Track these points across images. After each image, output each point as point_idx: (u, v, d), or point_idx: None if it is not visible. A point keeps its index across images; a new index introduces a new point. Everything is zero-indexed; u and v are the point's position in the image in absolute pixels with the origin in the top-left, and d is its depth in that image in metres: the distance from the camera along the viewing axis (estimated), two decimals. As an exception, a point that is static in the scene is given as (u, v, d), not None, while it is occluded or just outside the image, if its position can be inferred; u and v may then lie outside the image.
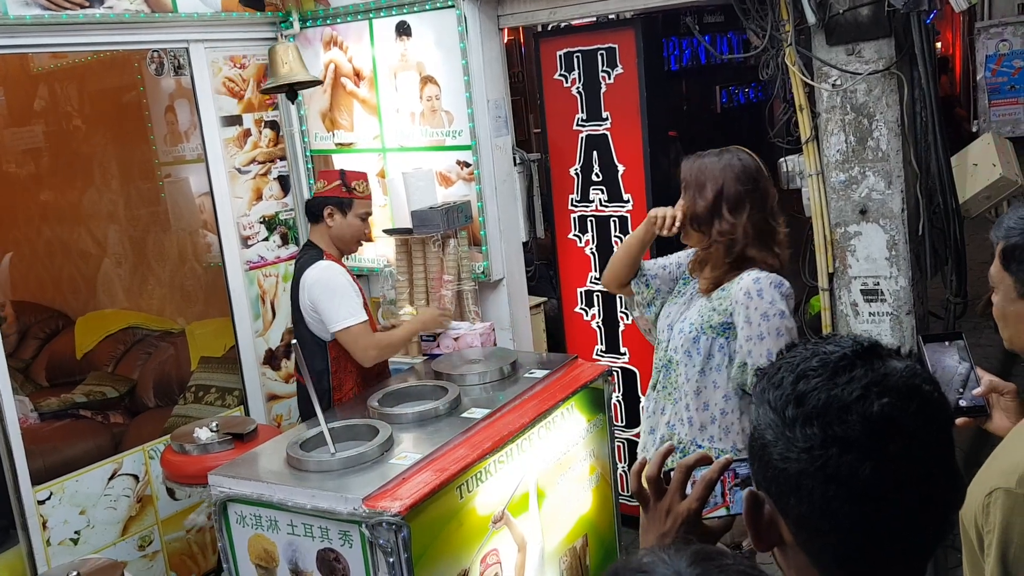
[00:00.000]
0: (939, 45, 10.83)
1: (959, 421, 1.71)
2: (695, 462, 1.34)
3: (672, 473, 1.35)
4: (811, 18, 3.34)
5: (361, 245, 3.80)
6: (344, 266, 3.64)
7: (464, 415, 3.11)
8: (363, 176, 3.72)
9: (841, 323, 3.55)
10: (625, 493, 4.13)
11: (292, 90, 4.08)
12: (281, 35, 4.45)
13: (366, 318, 3.52)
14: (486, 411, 3.11)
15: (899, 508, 1.02)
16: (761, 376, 1.12)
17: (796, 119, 3.54)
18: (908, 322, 3.44)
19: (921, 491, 1.03)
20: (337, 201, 3.60)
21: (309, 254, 3.63)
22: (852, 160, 3.44)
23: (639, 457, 2.74)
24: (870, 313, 3.49)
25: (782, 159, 3.64)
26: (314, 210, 3.66)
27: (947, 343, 1.80)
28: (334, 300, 3.45)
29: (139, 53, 4.66)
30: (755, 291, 2.65)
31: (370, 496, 2.57)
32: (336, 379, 3.56)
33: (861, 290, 3.49)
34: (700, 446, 2.74)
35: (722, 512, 1.34)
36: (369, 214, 3.72)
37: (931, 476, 1.03)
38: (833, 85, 3.41)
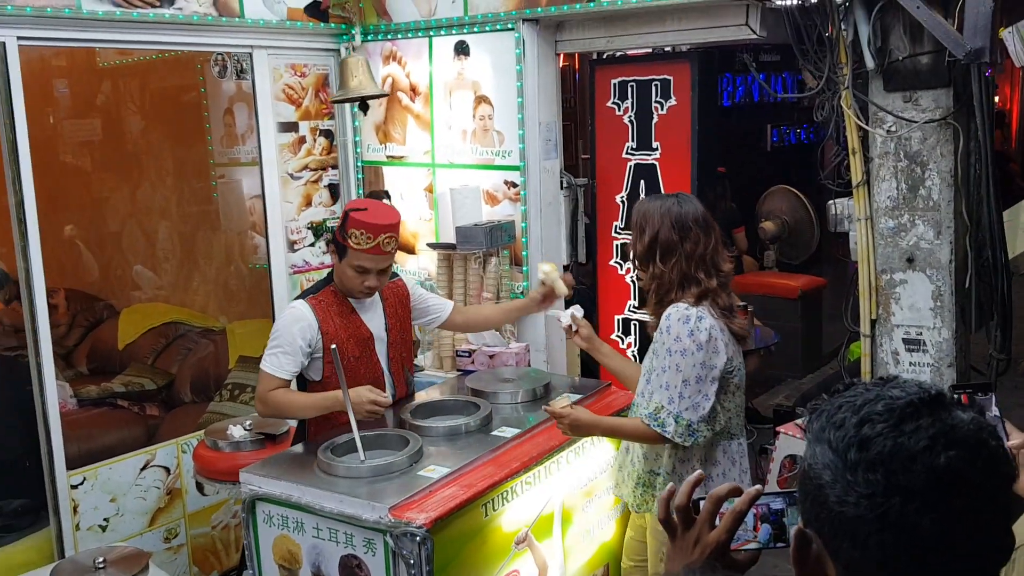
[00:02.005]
0: (996, 99, 10.71)
1: None
2: (727, 493, 1.34)
3: (702, 503, 1.35)
4: (870, 63, 3.34)
5: (361, 297, 3.20)
6: (343, 304, 3.20)
7: (494, 433, 3.11)
8: (371, 228, 3.04)
9: (880, 371, 3.51)
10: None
11: (363, 102, 4.17)
12: (345, 47, 4.54)
13: (277, 372, 3.08)
14: (516, 431, 3.12)
15: (958, 559, 1.02)
16: (818, 413, 1.11)
17: (848, 162, 3.53)
18: (949, 375, 3.40)
19: (981, 541, 1.02)
20: (336, 242, 3.16)
21: (313, 285, 3.37)
22: (902, 207, 3.42)
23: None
24: (911, 363, 3.45)
25: (831, 201, 3.63)
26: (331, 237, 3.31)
27: (978, 395, 1.79)
28: (271, 339, 3.16)
29: (203, 55, 4.77)
30: (665, 327, 2.74)
31: (396, 506, 2.59)
32: (314, 420, 3.27)
33: (903, 339, 3.46)
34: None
35: (753, 545, 1.34)
36: (366, 269, 3.10)
37: (991, 528, 1.03)
38: (888, 131, 3.40)
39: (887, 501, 1.00)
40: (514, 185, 4.19)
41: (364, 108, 4.29)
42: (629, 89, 4.22)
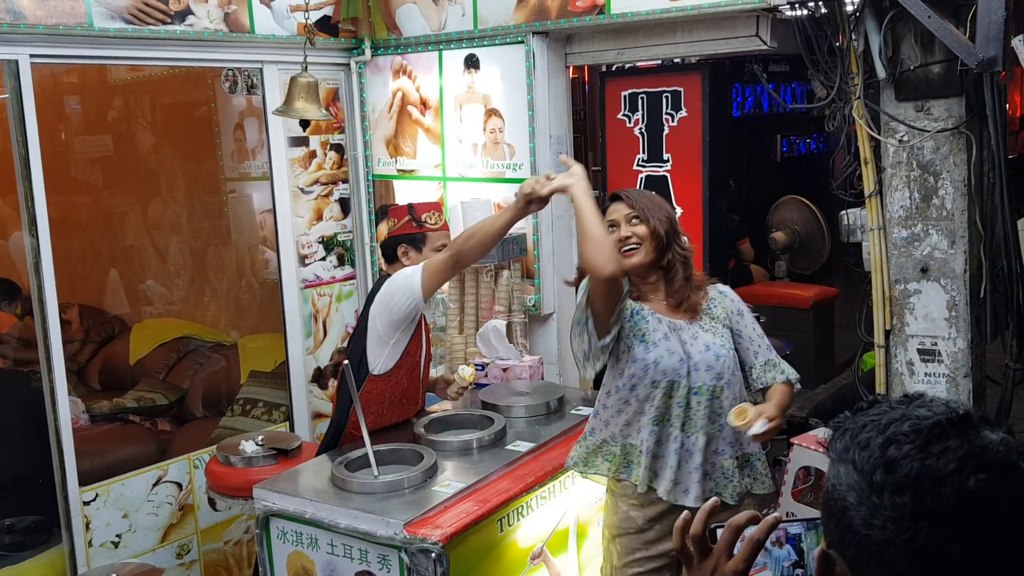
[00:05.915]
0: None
1: None
2: (745, 522, 1.31)
3: (719, 531, 1.33)
4: (881, 73, 3.33)
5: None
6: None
7: (508, 447, 3.10)
8: (435, 207, 3.47)
9: (895, 381, 3.49)
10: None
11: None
12: (356, 61, 4.55)
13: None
14: (531, 445, 3.11)
15: None
16: (842, 432, 1.09)
17: (860, 172, 3.52)
18: (965, 385, 3.37)
19: (1012, 566, 0.99)
20: (409, 238, 3.35)
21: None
22: (915, 217, 3.40)
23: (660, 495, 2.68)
24: (926, 373, 3.43)
25: (843, 212, 3.62)
26: (388, 251, 3.42)
27: None
28: (412, 273, 3.16)
29: (214, 70, 4.78)
30: (733, 295, 2.86)
31: (411, 522, 2.58)
32: (354, 415, 3.16)
33: (918, 349, 3.44)
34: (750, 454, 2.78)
35: (767, 573, 1.32)
36: (443, 246, 3.33)
37: (1022, 551, 1.00)
38: (900, 141, 3.39)
39: (915, 525, 0.98)
40: (525, 198, 4.18)
41: (304, 125, 4.38)
42: (640, 101, 4.22)
